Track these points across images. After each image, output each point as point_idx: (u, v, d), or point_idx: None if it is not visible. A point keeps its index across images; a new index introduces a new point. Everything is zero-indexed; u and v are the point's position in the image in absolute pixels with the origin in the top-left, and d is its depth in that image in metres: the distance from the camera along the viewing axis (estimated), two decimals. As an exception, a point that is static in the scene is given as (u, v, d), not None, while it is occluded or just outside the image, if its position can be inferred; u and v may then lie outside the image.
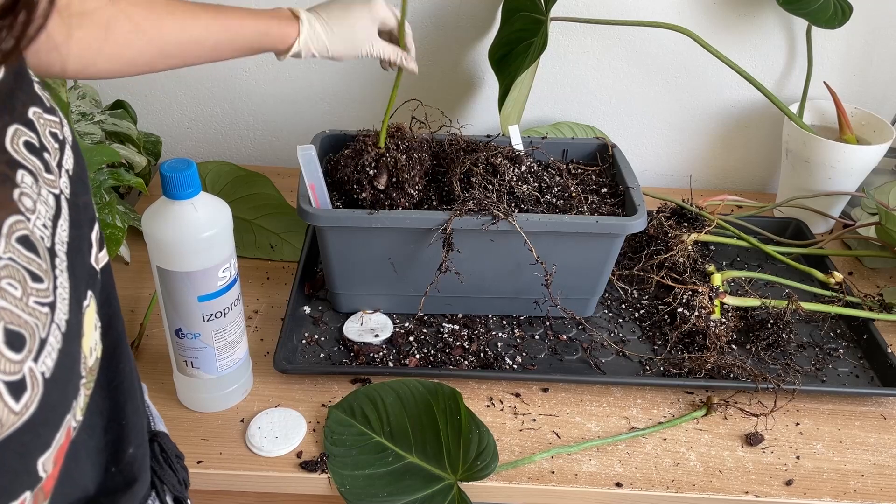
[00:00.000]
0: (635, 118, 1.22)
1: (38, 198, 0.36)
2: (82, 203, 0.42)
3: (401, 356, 0.86)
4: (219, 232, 0.69)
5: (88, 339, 0.41)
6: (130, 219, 0.98)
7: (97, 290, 0.43)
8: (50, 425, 0.35)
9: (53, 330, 0.35)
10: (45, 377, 0.34)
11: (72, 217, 0.40)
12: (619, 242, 0.86)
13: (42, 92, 0.41)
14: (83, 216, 0.42)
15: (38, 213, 0.36)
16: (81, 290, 0.40)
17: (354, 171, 0.86)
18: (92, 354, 0.41)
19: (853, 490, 0.75)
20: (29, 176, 0.36)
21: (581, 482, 0.74)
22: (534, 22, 1.02)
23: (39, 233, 0.35)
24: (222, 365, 0.76)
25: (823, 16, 1.02)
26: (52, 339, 0.35)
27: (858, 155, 1.05)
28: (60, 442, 0.36)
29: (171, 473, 0.55)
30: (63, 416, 0.36)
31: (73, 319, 0.37)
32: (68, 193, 0.40)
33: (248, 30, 0.75)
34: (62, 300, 0.36)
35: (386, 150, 0.87)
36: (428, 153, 0.91)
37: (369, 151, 0.87)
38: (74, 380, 0.38)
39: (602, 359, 0.88)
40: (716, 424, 0.81)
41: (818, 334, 0.93)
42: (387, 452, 0.75)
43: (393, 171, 0.85)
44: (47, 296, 0.35)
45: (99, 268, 0.45)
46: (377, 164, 0.86)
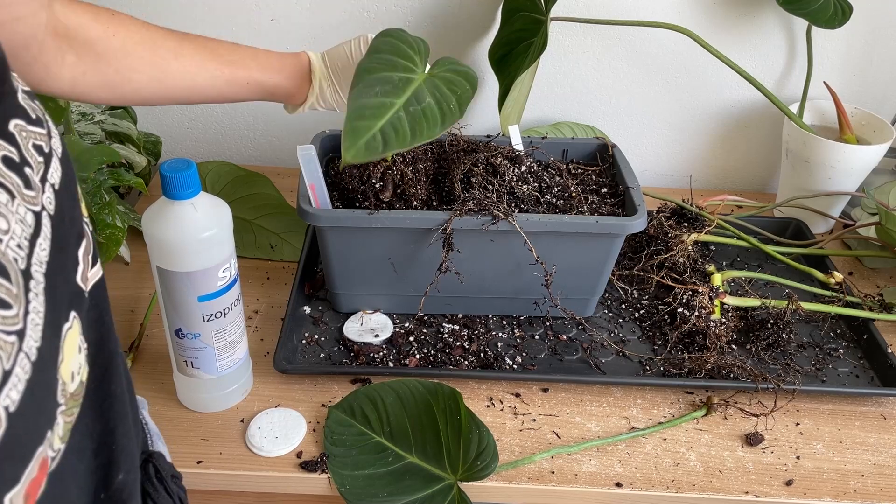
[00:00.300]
0: (635, 118, 1.22)
1: (13, 216, 0.34)
2: (69, 219, 0.40)
3: (401, 356, 0.86)
4: (219, 232, 0.69)
5: (69, 364, 0.38)
6: (130, 219, 0.98)
7: (83, 310, 0.42)
8: (17, 460, 0.33)
9: (21, 360, 0.33)
10: (10, 411, 0.32)
11: (55, 235, 0.38)
12: (619, 242, 0.86)
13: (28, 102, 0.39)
14: (69, 233, 0.40)
15: (13, 233, 0.34)
16: (62, 312, 0.38)
17: (360, 182, 0.86)
18: (74, 379, 0.39)
19: (853, 490, 0.75)
20: (4, 194, 0.34)
21: (581, 482, 0.74)
22: (534, 22, 1.02)
23: (13, 254, 0.34)
24: (222, 365, 0.76)
25: (823, 16, 1.02)
26: (19, 370, 0.33)
27: (858, 155, 1.05)
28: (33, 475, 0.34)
29: (165, 496, 0.54)
30: (34, 449, 0.34)
31: (46, 346, 0.35)
32: (52, 209, 0.38)
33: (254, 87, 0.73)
34: (34, 326, 0.34)
35: (392, 162, 0.87)
36: (432, 160, 0.91)
37: (376, 164, 0.86)
38: (49, 410, 0.36)
39: (602, 359, 0.88)
40: (716, 424, 0.81)
41: (818, 334, 0.93)
42: (387, 452, 0.75)
43: (399, 185, 0.85)
44: (15, 323, 0.33)
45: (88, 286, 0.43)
46: (383, 177, 0.86)
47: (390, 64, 0.70)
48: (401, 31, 0.74)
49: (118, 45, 0.66)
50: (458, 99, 0.72)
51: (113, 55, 0.65)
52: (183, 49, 0.69)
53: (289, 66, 0.76)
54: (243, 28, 1.14)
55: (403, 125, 0.68)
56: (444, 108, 0.71)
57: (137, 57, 0.67)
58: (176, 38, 0.70)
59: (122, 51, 0.66)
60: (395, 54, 0.71)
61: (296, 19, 1.13)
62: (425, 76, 0.72)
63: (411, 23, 1.13)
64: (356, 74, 0.68)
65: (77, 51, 0.64)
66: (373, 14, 1.12)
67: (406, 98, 0.69)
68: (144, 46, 0.67)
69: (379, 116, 0.67)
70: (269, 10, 1.13)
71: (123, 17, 0.67)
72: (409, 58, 0.72)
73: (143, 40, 0.67)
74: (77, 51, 0.64)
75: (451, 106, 0.71)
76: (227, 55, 0.72)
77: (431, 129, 0.69)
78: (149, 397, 0.81)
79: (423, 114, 0.69)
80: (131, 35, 0.66)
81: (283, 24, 1.14)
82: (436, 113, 0.70)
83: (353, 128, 0.66)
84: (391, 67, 0.70)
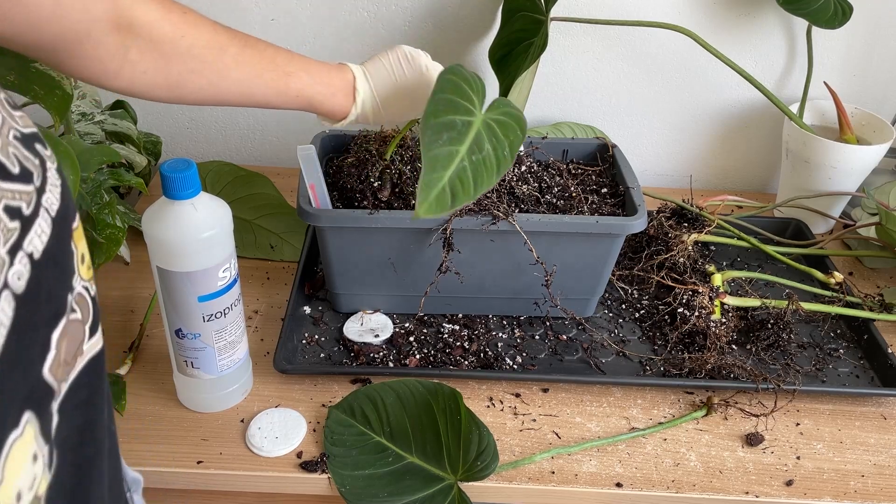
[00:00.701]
0: (635, 118, 1.22)
1: None
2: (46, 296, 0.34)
3: (401, 356, 0.86)
4: (219, 232, 0.69)
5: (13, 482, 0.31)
6: (130, 219, 0.98)
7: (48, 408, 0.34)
8: None
9: None
10: None
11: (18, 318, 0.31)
12: (620, 243, 0.86)
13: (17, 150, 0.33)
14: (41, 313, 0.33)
15: None
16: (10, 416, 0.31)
17: (358, 181, 0.86)
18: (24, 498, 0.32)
19: (853, 490, 0.75)
20: None
21: (581, 482, 0.74)
22: (534, 22, 1.02)
23: None
24: (222, 365, 0.76)
25: (824, 16, 1.02)
26: None
27: (859, 155, 1.05)
28: None
29: None
30: None
31: None
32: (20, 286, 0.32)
33: (302, 100, 0.72)
34: None
35: (391, 161, 0.87)
36: None
37: (374, 163, 0.86)
38: None
39: (602, 359, 0.88)
40: (716, 425, 0.81)
41: (818, 334, 0.93)
42: (387, 453, 0.75)
43: (397, 183, 0.85)
44: None
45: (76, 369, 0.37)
46: (381, 176, 0.86)
47: (453, 106, 0.70)
48: (461, 69, 0.74)
49: (185, 48, 0.63)
50: (510, 145, 0.72)
51: (179, 58, 0.63)
52: (245, 56, 0.67)
53: (336, 82, 0.73)
54: (242, 29, 1.13)
55: (468, 176, 0.68)
56: (499, 156, 0.71)
57: (202, 61, 0.64)
58: (239, 42, 0.67)
59: (188, 54, 0.63)
60: (458, 94, 0.71)
61: (296, 19, 1.13)
62: (482, 119, 0.72)
63: (411, 23, 1.13)
64: (424, 119, 0.67)
65: (141, 49, 0.61)
66: (373, 14, 1.12)
67: (468, 145, 0.69)
68: (211, 51, 0.64)
69: (447, 167, 0.67)
70: (269, 10, 1.13)
71: (194, 17, 0.64)
72: (469, 98, 0.72)
73: (210, 44, 0.64)
74: (141, 49, 0.61)
75: (505, 153, 0.71)
76: (284, 65, 0.69)
77: (490, 178, 0.69)
78: (149, 397, 0.81)
79: (484, 163, 0.69)
80: (200, 37, 0.64)
81: (283, 23, 1.14)
82: (493, 161, 0.70)
83: (427, 181, 0.65)
84: (454, 110, 0.70)
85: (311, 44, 1.15)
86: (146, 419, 0.78)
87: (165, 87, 0.64)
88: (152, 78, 0.63)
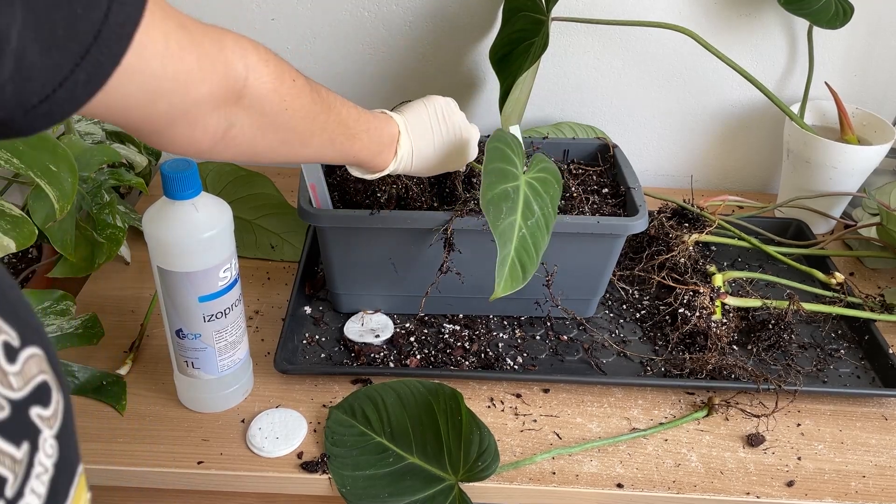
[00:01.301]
0: (636, 118, 1.22)
1: None
2: None
3: (401, 356, 0.86)
4: (219, 232, 0.69)
5: None
6: (131, 219, 0.98)
7: None
8: None
9: None
10: None
11: None
12: (621, 243, 0.86)
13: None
14: None
15: None
16: None
17: (365, 196, 0.86)
18: None
19: (854, 491, 0.75)
20: None
21: (582, 483, 0.74)
22: (535, 22, 1.02)
23: None
24: (223, 365, 0.76)
25: (825, 16, 1.02)
26: None
27: (860, 155, 1.05)
28: None
29: None
30: None
31: None
32: None
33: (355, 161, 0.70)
34: None
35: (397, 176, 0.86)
36: None
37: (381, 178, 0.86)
38: None
39: (603, 359, 0.88)
40: (717, 425, 0.81)
41: (819, 335, 0.93)
42: (387, 453, 0.75)
43: (404, 197, 0.85)
44: None
45: None
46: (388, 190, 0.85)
47: (504, 175, 0.72)
48: (503, 134, 0.75)
49: (284, 122, 0.57)
50: (552, 200, 0.75)
51: (275, 131, 0.57)
52: (328, 124, 0.63)
53: (385, 139, 0.71)
54: (243, 28, 1.14)
55: (528, 243, 0.71)
56: (545, 214, 0.73)
57: (294, 132, 0.60)
58: (325, 108, 0.62)
59: (285, 126, 0.58)
60: (505, 162, 0.73)
61: (296, 19, 1.13)
62: (525, 180, 0.74)
63: (412, 22, 1.13)
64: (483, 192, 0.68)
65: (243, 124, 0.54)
66: (373, 14, 1.12)
67: (521, 211, 0.71)
68: (305, 121, 0.60)
69: (511, 239, 0.70)
70: (270, 10, 1.13)
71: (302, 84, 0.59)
72: (514, 163, 0.74)
73: (306, 115, 0.59)
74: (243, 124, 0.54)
75: (551, 209, 0.74)
76: (353, 127, 0.66)
77: (544, 238, 0.72)
78: (149, 397, 0.81)
79: (538, 226, 0.72)
80: (300, 109, 0.59)
81: (283, 23, 1.14)
82: (542, 222, 0.73)
83: (501, 259, 0.69)
84: (504, 178, 0.72)
85: (311, 43, 1.15)
86: (146, 419, 0.78)
87: (250, 155, 0.59)
88: (242, 150, 0.57)
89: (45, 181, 0.76)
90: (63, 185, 0.78)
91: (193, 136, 0.51)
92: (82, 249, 0.90)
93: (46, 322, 0.85)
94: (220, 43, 0.49)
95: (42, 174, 0.76)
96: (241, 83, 0.52)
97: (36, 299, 0.85)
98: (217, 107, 0.51)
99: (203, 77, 0.47)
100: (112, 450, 0.75)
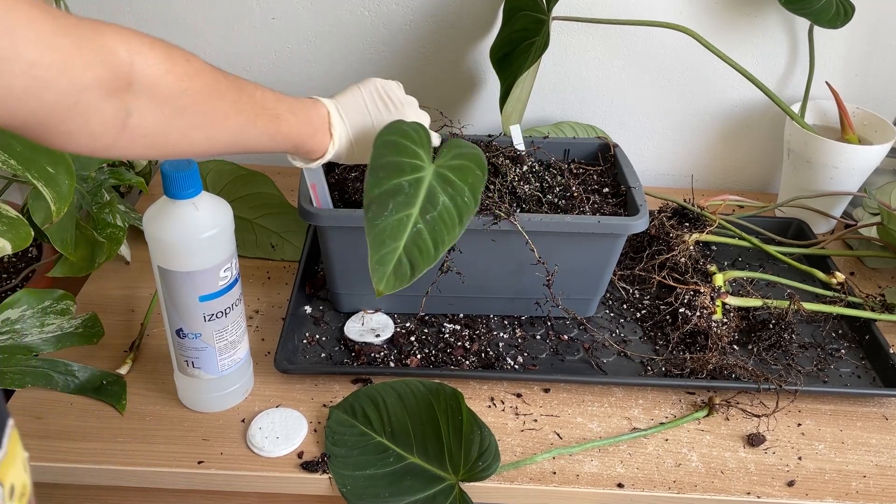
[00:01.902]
0: (637, 118, 1.22)
1: None
2: None
3: (402, 356, 0.86)
4: (220, 231, 0.69)
5: None
6: (131, 218, 0.98)
7: None
8: None
9: None
10: None
11: None
12: (621, 242, 0.86)
13: None
14: None
15: None
16: None
17: (361, 181, 0.86)
18: None
19: (855, 491, 0.75)
20: None
21: (583, 483, 0.74)
22: (535, 21, 1.02)
23: None
24: (223, 365, 0.76)
25: (825, 16, 1.02)
26: None
27: (860, 155, 1.05)
28: None
29: None
30: None
31: None
32: None
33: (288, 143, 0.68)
34: None
35: None
36: None
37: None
38: None
39: (603, 359, 0.88)
40: (717, 425, 0.81)
41: (820, 335, 0.93)
42: (388, 453, 0.75)
43: None
44: None
45: None
46: None
47: (397, 169, 0.68)
48: (399, 124, 0.71)
49: (188, 103, 0.56)
50: (470, 188, 0.70)
51: (181, 115, 0.56)
52: (241, 102, 0.62)
53: (315, 120, 0.70)
54: (244, 28, 1.14)
55: (424, 239, 0.66)
56: (458, 204, 0.69)
57: (202, 114, 0.58)
58: (235, 88, 0.61)
59: (191, 109, 0.57)
60: (399, 154, 0.68)
61: (296, 19, 1.13)
62: (433, 169, 0.70)
63: (412, 22, 1.13)
64: (365, 192, 0.65)
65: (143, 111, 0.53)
66: (373, 14, 1.12)
67: (420, 205, 0.67)
68: (211, 102, 0.59)
69: (399, 236, 0.66)
70: (270, 10, 1.13)
71: (198, 65, 0.57)
72: (413, 153, 0.69)
73: (211, 94, 0.58)
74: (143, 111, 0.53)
75: (466, 199, 0.69)
76: (273, 108, 0.65)
77: (451, 232, 0.68)
78: (149, 397, 0.81)
79: (441, 219, 0.67)
80: (202, 89, 0.57)
81: (283, 23, 1.14)
82: (452, 213, 0.68)
83: (378, 258, 0.65)
84: (399, 172, 0.68)
85: (311, 43, 1.15)
86: (146, 419, 0.78)
87: (162, 146, 0.58)
88: (151, 141, 0.56)
89: (42, 183, 0.76)
90: (60, 186, 0.77)
91: (91, 128, 0.50)
92: (82, 249, 0.90)
93: (46, 321, 0.85)
94: (98, 31, 0.49)
95: (39, 176, 0.76)
96: (127, 67, 0.51)
97: (36, 299, 0.85)
98: (108, 94, 0.50)
99: (85, 63, 0.47)
100: (112, 450, 0.74)
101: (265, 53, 1.17)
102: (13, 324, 0.83)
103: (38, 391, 0.80)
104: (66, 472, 0.74)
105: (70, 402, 0.79)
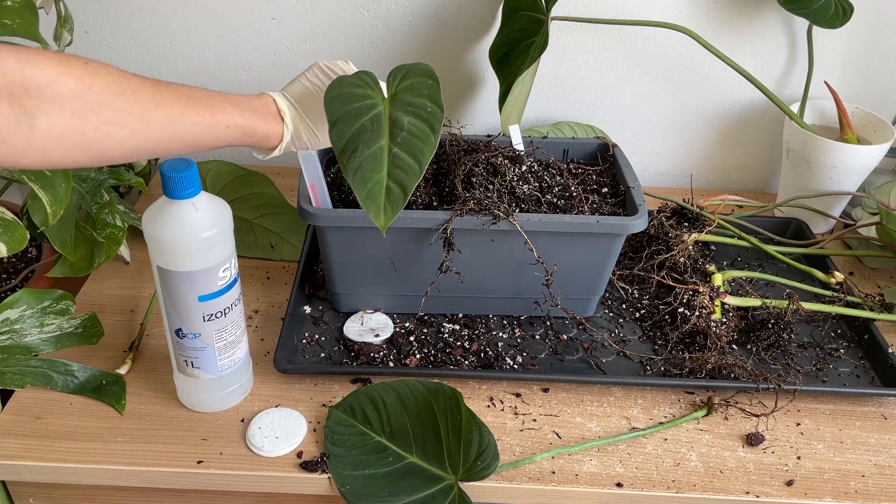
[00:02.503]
0: (636, 118, 1.22)
1: None
2: None
3: (401, 356, 0.86)
4: (219, 231, 0.69)
5: None
6: (130, 218, 0.98)
7: None
8: None
9: None
10: None
11: None
12: (620, 242, 0.86)
13: None
14: None
15: None
16: None
17: None
18: None
19: (854, 490, 0.75)
20: None
21: (582, 482, 0.74)
22: (534, 21, 1.02)
23: None
24: (222, 365, 0.76)
25: (824, 15, 1.02)
26: None
27: (859, 155, 1.05)
28: None
29: None
30: None
31: None
32: None
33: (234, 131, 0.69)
34: None
35: None
36: (432, 160, 0.91)
37: None
38: None
39: (603, 359, 0.88)
40: (716, 424, 0.81)
41: (819, 334, 0.93)
42: (387, 452, 0.75)
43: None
44: None
45: None
46: None
47: (351, 115, 0.69)
48: (341, 79, 0.72)
49: (96, 99, 0.58)
50: (429, 98, 0.71)
51: (91, 111, 0.57)
52: (162, 96, 0.63)
53: (261, 108, 0.72)
54: (243, 28, 1.14)
55: (403, 159, 0.68)
56: (424, 116, 0.70)
57: (117, 109, 0.59)
58: (152, 84, 0.63)
59: (100, 104, 0.58)
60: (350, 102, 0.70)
61: (296, 19, 1.13)
62: (387, 100, 0.72)
63: (412, 22, 1.13)
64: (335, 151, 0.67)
65: (48, 112, 0.55)
66: (373, 13, 1.12)
67: (388, 134, 0.69)
68: (125, 97, 0.60)
69: (379, 168, 0.67)
70: (269, 10, 1.13)
71: (97, 66, 0.59)
72: (363, 96, 0.71)
73: (122, 89, 0.60)
74: (48, 112, 0.55)
75: (429, 108, 0.71)
76: (204, 100, 0.66)
77: (427, 142, 0.69)
78: (149, 397, 0.81)
79: (412, 136, 0.69)
80: (109, 85, 0.59)
81: (283, 23, 1.14)
82: (422, 127, 0.69)
83: (366, 194, 0.66)
84: (354, 118, 0.69)
85: (311, 43, 1.15)
86: (146, 419, 0.78)
87: (85, 147, 0.59)
88: (68, 142, 0.57)
89: (38, 186, 0.76)
90: (56, 190, 0.78)
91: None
92: (82, 249, 0.90)
93: (46, 322, 0.85)
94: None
95: (35, 179, 0.76)
96: (18, 74, 0.53)
97: (35, 299, 0.85)
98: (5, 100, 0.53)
99: None
100: (112, 450, 0.75)
101: (265, 53, 1.17)
102: (13, 324, 0.83)
103: (37, 391, 0.80)
104: (66, 472, 0.74)
105: (70, 402, 0.79)
